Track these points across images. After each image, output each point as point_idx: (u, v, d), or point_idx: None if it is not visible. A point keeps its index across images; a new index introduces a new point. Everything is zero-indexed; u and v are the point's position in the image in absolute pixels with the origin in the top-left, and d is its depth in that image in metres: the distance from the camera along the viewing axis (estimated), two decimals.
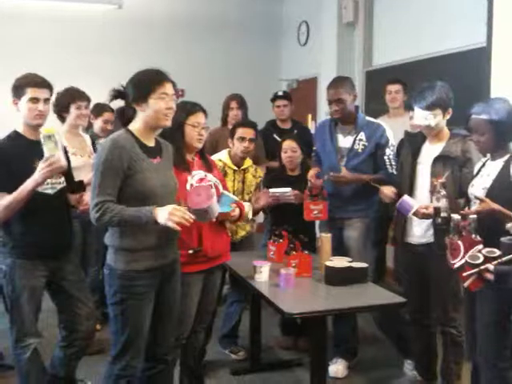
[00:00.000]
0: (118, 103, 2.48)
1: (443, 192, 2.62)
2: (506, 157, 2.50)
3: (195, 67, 6.75)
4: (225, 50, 7.21)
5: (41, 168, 2.52)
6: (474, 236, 2.31)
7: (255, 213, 3.59)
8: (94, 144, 3.88)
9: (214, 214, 2.43)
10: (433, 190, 2.65)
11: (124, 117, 2.42)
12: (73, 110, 3.72)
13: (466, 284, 2.22)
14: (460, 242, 2.32)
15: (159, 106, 2.33)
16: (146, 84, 2.34)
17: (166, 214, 2.20)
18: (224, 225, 2.92)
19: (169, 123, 2.40)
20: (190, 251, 2.68)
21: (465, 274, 2.20)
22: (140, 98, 2.33)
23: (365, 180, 3.28)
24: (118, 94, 2.41)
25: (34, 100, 2.65)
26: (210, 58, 7.10)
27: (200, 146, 2.81)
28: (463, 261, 2.22)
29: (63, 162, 2.55)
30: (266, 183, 3.71)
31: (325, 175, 3.33)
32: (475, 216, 2.35)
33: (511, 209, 2.34)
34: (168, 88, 2.36)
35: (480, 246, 2.23)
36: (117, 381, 2.39)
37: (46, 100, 2.70)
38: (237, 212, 2.85)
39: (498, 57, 3.88)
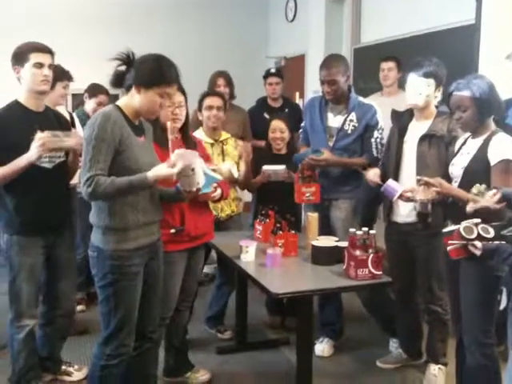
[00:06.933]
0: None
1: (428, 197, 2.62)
2: (486, 135, 2.48)
3: (180, 44, 6.57)
4: (211, 27, 7.09)
5: (34, 147, 2.49)
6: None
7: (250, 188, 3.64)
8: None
9: (198, 179, 2.33)
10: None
11: (121, 81, 2.33)
12: (58, 88, 3.48)
13: (448, 248, 2.19)
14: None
15: (155, 101, 2.28)
16: (156, 76, 2.25)
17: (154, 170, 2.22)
18: (207, 204, 2.89)
19: (154, 118, 2.39)
20: (172, 230, 2.66)
21: (450, 242, 2.17)
22: (143, 84, 2.26)
23: (346, 163, 3.25)
24: (126, 60, 2.31)
25: (38, 65, 2.58)
26: (195, 34, 6.98)
27: (177, 125, 2.76)
28: (454, 227, 2.18)
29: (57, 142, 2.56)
30: (253, 161, 3.68)
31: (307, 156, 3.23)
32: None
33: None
34: (173, 89, 2.32)
35: (478, 220, 2.16)
36: (109, 361, 2.37)
37: (50, 65, 2.63)
38: (218, 193, 2.79)
39: (486, 34, 3.84)
